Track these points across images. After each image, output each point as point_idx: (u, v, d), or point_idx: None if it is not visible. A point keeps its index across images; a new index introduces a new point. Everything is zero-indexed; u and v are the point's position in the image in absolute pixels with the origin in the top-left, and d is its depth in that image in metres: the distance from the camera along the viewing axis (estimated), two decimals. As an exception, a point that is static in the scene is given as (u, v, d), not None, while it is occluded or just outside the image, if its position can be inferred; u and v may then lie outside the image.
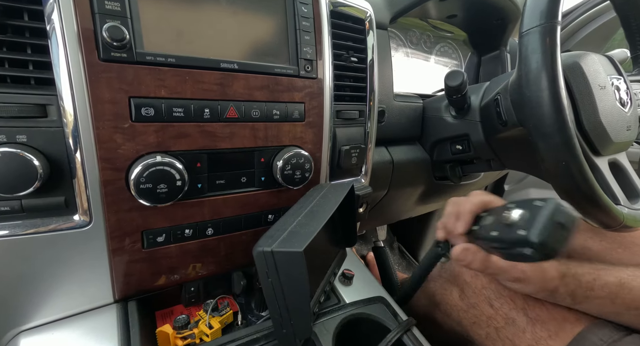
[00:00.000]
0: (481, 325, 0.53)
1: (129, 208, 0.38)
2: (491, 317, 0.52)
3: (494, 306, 0.52)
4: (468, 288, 0.56)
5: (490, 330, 0.51)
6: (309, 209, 0.42)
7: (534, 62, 0.44)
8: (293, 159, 0.47)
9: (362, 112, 0.58)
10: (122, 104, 0.35)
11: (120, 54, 0.33)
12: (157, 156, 0.37)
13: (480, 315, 0.53)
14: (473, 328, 0.54)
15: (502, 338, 0.51)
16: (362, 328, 0.48)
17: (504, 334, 0.50)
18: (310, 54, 0.47)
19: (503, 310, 0.51)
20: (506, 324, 0.50)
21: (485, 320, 0.52)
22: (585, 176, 0.44)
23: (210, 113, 0.40)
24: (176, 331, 0.43)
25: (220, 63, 0.40)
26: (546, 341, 0.47)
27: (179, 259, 0.44)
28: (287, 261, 0.34)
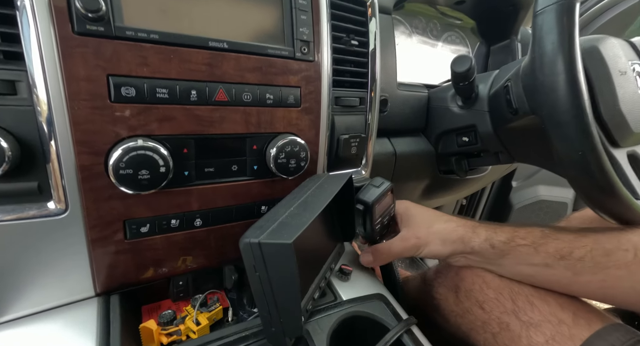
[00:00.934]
0: (478, 331, 0.50)
1: (108, 195, 0.35)
2: (486, 322, 0.49)
3: (485, 310, 0.49)
4: (460, 292, 0.53)
5: (488, 336, 0.48)
6: (302, 200, 0.39)
7: (549, 43, 0.40)
8: (287, 147, 0.44)
9: (362, 100, 0.55)
10: (100, 83, 0.32)
11: (96, 28, 0.31)
12: (139, 139, 0.34)
13: (475, 321, 0.50)
14: (472, 334, 0.51)
15: (500, 344, 0.48)
16: (360, 327, 0.45)
17: (501, 340, 0.47)
18: (307, 34, 0.44)
19: (495, 314, 0.48)
20: (501, 329, 0.47)
21: (480, 326, 0.49)
22: (603, 167, 0.40)
23: (198, 95, 0.37)
24: (161, 327, 0.40)
25: (209, 41, 0.37)
26: None
27: (166, 252, 0.42)
28: (276, 254, 0.31)
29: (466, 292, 0.54)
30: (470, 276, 0.54)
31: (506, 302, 0.49)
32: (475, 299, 0.52)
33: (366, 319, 0.45)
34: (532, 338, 0.45)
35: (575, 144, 0.40)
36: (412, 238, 0.50)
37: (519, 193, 1.51)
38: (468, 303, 0.53)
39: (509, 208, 1.49)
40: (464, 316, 0.53)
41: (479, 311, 0.51)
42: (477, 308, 0.51)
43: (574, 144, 0.40)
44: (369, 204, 0.50)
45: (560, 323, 0.44)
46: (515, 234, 0.46)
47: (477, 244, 0.47)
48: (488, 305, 0.50)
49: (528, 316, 0.46)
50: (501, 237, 0.47)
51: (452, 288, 0.56)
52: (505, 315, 0.48)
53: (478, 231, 0.48)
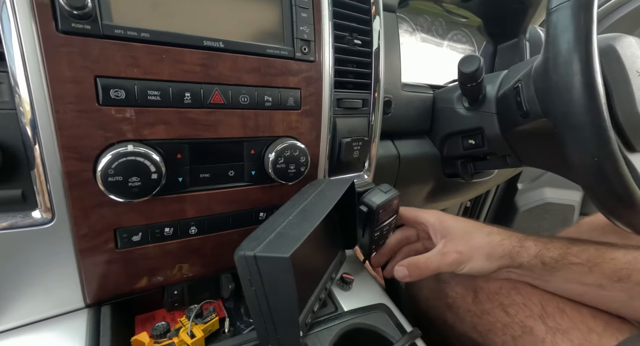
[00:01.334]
0: (497, 333, 0.48)
1: (98, 203, 0.33)
2: (507, 325, 0.47)
3: (509, 314, 0.47)
4: (482, 293, 0.51)
5: (507, 338, 0.46)
6: (302, 208, 0.37)
7: (564, 42, 0.38)
8: (287, 151, 0.42)
9: (365, 102, 0.53)
10: (87, 85, 0.30)
11: (82, 26, 0.29)
12: (129, 145, 0.32)
13: (495, 322, 0.48)
14: (489, 335, 0.49)
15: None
16: (362, 340, 0.43)
17: (522, 343, 0.45)
18: (308, 33, 0.42)
19: (519, 317, 0.46)
20: (523, 333, 0.45)
21: (500, 328, 0.47)
22: (621, 174, 0.38)
23: (192, 98, 0.36)
24: (154, 340, 0.39)
25: (204, 41, 0.35)
26: None
27: (159, 261, 0.40)
28: (272, 268, 0.29)
29: (489, 294, 0.51)
30: (497, 281, 0.51)
31: (534, 307, 0.47)
32: (499, 302, 0.50)
33: (368, 331, 0.43)
34: (558, 344, 0.43)
35: (591, 150, 0.38)
36: (452, 253, 0.45)
37: (525, 195, 1.48)
38: (489, 304, 0.51)
39: (514, 211, 1.47)
40: (482, 317, 0.51)
41: (501, 314, 0.49)
42: (499, 311, 0.49)
43: (590, 149, 0.38)
44: (374, 208, 0.48)
45: (590, 332, 0.42)
46: (567, 251, 0.42)
47: (526, 260, 0.43)
48: (513, 308, 0.48)
49: (556, 322, 0.44)
50: (552, 253, 0.43)
51: (472, 288, 0.54)
52: (531, 319, 0.46)
53: (527, 245, 0.44)
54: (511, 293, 0.48)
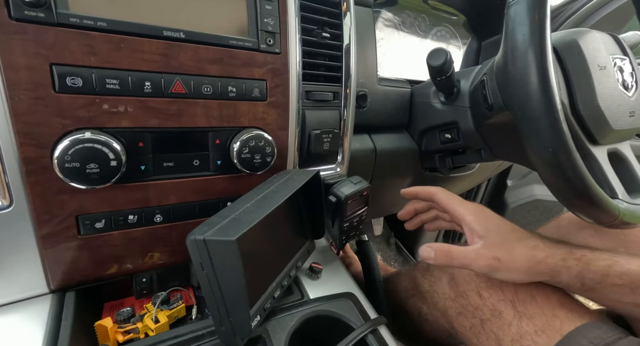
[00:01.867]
0: (467, 316, 0.49)
1: (57, 189, 0.34)
2: (478, 308, 0.48)
3: (482, 296, 0.48)
4: (459, 275, 0.52)
5: (476, 322, 0.48)
6: (262, 196, 0.38)
7: (520, 35, 0.38)
8: (251, 141, 0.42)
9: (336, 94, 0.53)
10: (42, 72, 0.31)
11: (36, 14, 0.30)
12: (87, 132, 0.33)
13: (467, 305, 0.49)
14: (458, 318, 0.50)
15: (487, 330, 0.47)
16: (324, 327, 0.44)
17: (489, 327, 0.46)
18: (273, 25, 0.43)
19: (491, 301, 0.47)
20: (492, 316, 0.46)
21: (471, 311, 0.49)
22: (574, 165, 0.39)
23: (153, 87, 0.36)
24: (117, 324, 0.39)
25: (163, 31, 0.36)
26: (531, 337, 0.43)
27: (125, 248, 0.41)
28: (221, 251, 0.30)
29: (467, 276, 0.52)
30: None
31: (508, 292, 0.47)
32: (475, 284, 0.51)
33: (331, 318, 0.44)
34: (523, 328, 0.44)
35: (545, 141, 0.39)
36: (489, 259, 0.42)
37: (514, 192, 1.49)
38: (465, 287, 0.52)
39: (503, 207, 1.48)
40: (456, 299, 0.52)
41: (475, 297, 0.50)
42: (474, 294, 0.50)
43: (545, 140, 0.39)
44: (342, 198, 0.49)
45: (554, 317, 0.43)
46: (610, 270, 0.40)
47: (565, 280, 0.42)
48: (488, 291, 0.49)
49: (525, 307, 0.45)
50: (594, 274, 0.40)
51: (449, 270, 0.55)
52: (502, 303, 0.47)
53: (569, 264, 0.41)
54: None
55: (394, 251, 1.64)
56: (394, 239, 1.66)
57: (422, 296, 0.60)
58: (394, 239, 1.66)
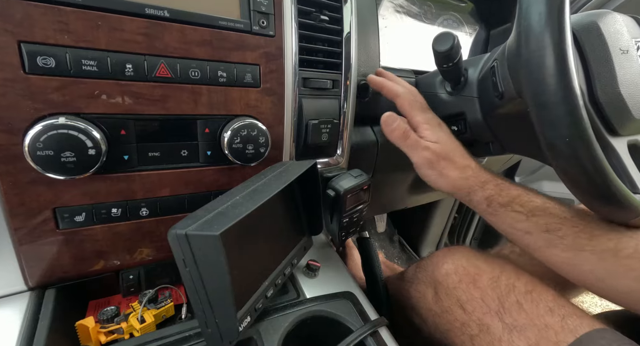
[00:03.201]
0: (456, 333, 0.46)
1: (31, 179, 0.32)
2: (464, 323, 0.45)
3: (466, 310, 0.45)
4: (441, 289, 0.49)
5: (465, 338, 0.45)
6: (253, 188, 0.35)
7: (535, 14, 0.35)
8: (243, 130, 0.40)
9: (336, 83, 0.50)
10: (10, 50, 0.28)
11: (1, -14, 0.27)
12: (61, 117, 0.30)
13: (454, 321, 0.46)
14: (449, 335, 0.47)
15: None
16: (321, 328, 0.41)
17: (479, 343, 0.43)
18: (266, 5, 0.40)
19: (476, 314, 0.44)
20: (480, 331, 0.43)
21: (459, 327, 0.45)
22: (594, 156, 0.35)
23: (135, 70, 0.34)
24: (100, 324, 0.37)
25: (146, 8, 0.33)
26: None
27: (108, 243, 0.38)
28: (204, 247, 0.27)
29: (447, 290, 0.50)
30: (456, 274, 0.50)
31: (492, 303, 0.45)
32: (456, 298, 0.48)
33: (328, 319, 0.41)
34: (514, 343, 0.41)
35: (562, 130, 0.35)
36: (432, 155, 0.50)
37: (522, 189, 1.45)
38: (448, 302, 0.49)
39: (509, 204, 1.44)
40: (442, 315, 0.49)
41: (459, 312, 0.47)
42: (457, 308, 0.48)
43: (561, 129, 0.35)
44: (341, 192, 0.46)
45: (547, 328, 0.40)
46: (517, 199, 0.46)
47: (476, 199, 0.48)
48: (471, 305, 0.46)
49: (513, 318, 0.42)
50: (502, 199, 0.47)
51: (432, 284, 0.53)
52: (488, 316, 0.44)
53: (487, 187, 0.48)
54: (469, 287, 0.47)
55: (397, 249, 1.61)
56: (397, 237, 1.63)
57: (411, 309, 0.57)
58: (397, 237, 1.63)
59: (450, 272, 0.51)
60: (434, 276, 0.53)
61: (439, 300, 0.49)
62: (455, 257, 0.53)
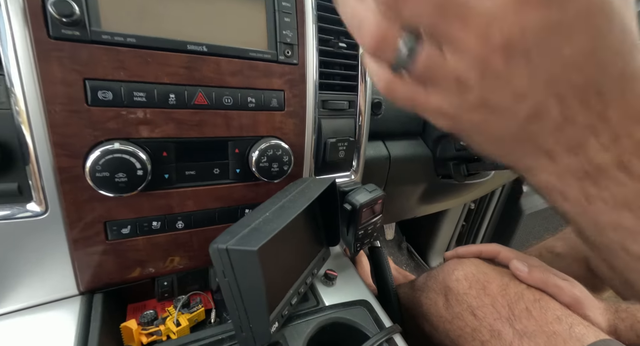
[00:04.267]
0: (467, 338, 0.48)
1: (88, 197, 0.36)
2: (476, 329, 0.47)
3: (477, 316, 0.48)
4: (452, 295, 0.52)
5: (476, 344, 0.47)
6: (280, 205, 0.39)
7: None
8: (269, 150, 0.43)
9: (352, 103, 0.54)
10: (77, 86, 0.33)
11: (72, 32, 0.31)
12: (116, 143, 0.35)
13: (465, 327, 0.49)
14: (459, 341, 0.50)
15: None
16: (340, 334, 0.44)
17: None
18: (291, 37, 0.44)
19: (487, 321, 0.46)
20: (491, 337, 0.45)
21: (470, 333, 0.48)
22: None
23: (177, 99, 0.38)
24: (141, 326, 0.41)
25: (187, 45, 0.37)
26: None
27: (148, 253, 0.42)
28: (242, 260, 0.31)
29: (457, 296, 0.52)
30: (467, 281, 0.52)
31: (502, 309, 0.47)
32: (467, 304, 0.50)
33: (347, 326, 0.44)
34: None
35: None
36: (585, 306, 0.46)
37: (531, 198, 1.46)
38: (459, 308, 0.51)
39: (519, 214, 1.45)
40: (453, 322, 0.52)
41: (470, 318, 0.49)
42: (468, 314, 0.50)
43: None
44: (357, 206, 0.49)
45: (556, 335, 0.42)
46: None
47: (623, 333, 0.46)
48: (481, 311, 0.48)
49: (523, 324, 0.44)
50: None
51: (442, 291, 0.55)
52: (499, 322, 0.46)
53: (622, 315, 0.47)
54: (480, 293, 0.49)
55: (405, 256, 1.62)
56: (405, 244, 1.65)
57: (422, 317, 0.59)
58: (405, 244, 1.65)
59: (460, 278, 0.53)
60: (445, 282, 0.55)
61: (450, 306, 0.52)
62: (465, 265, 0.55)
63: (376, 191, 0.53)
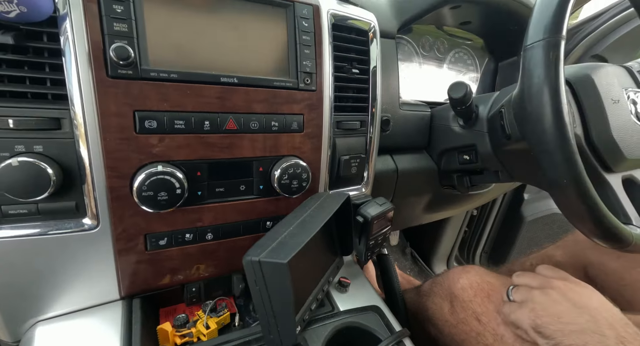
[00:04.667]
0: (471, 342, 0.52)
1: (133, 212, 0.41)
2: (480, 333, 0.51)
3: (481, 322, 0.52)
4: (457, 302, 0.56)
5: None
6: (302, 219, 0.43)
7: (536, 76, 0.43)
8: (290, 169, 0.48)
9: (363, 123, 0.59)
10: (128, 117, 0.37)
11: (126, 71, 0.36)
12: (159, 165, 0.39)
13: (470, 331, 0.53)
14: (464, 344, 0.53)
15: None
16: (354, 337, 0.49)
17: None
18: (310, 67, 0.48)
19: (491, 325, 0.50)
20: (495, 341, 0.49)
21: (474, 336, 0.52)
22: (588, 194, 0.42)
23: (210, 125, 0.42)
24: (175, 329, 0.45)
25: (221, 78, 0.42)
26: None
27: (180, 261, 0.47)
28: (273, 271, 0.35)
29: (463, 303, 0.56)
30: (472, 289, 0.56)
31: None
32: (472, 310, 0.54)
33: (360, 330, 0.48)
34: None
35: (561, 173, 0.42)
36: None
37: (531, 205, 1.49)
38: (464, 314, 0.55)
39: (520, 220, 1.48)
40: (458, 326, 0.56)
41: (474, 323, 0.53)
42: (473, 319, 0.54)
43: (560, 172, 0.42)
44: (369, 219, 0.54)
45: None
46: None
47: None
48: (486, 317, 0.52)
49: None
50: None
51: (448, 297, 0.59)
52: (502, 327, 0.50)
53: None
54: (484, 300, 0.53)
55: (409, 261, 1.66)
56: (409, 249, 1.68)
57: (427, 321, 0.63)
58: (409, 249, 1.68)
59: (466, 287, 0.57)
60: (451, 290, 0.59)
61: (455, 312, 0.56)
62: (470, 274, 0.59)
63: (386, 204, 0.57)
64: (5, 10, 0.30)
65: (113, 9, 0.35)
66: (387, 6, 0.66)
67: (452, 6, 0.72)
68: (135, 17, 0.36)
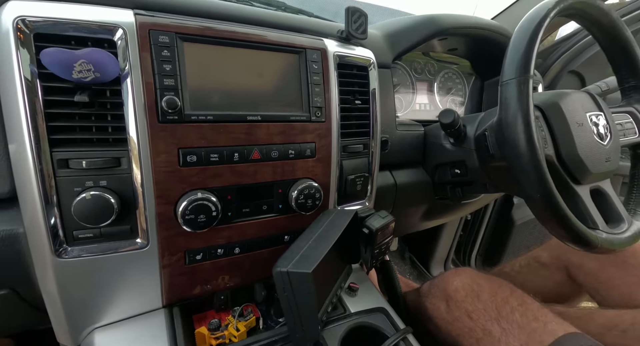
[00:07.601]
0: (465, 337, 0.60)
1: (176, 233, 0.48)
2: (472, 329, 0.59)
3: (472, 318, 0.59)
4: (451, 302, 0.64)
5: (472, 341, 0.58)
6: (317, 235, 0.51)
7: (511, 107, 0.51)
8: (305, 190, 0.56)
9: (366, 145, 0.67)
10: (173, 154, 0.45)
11: (173, 117, 0.44)
12: (198, 192, 0.47)
13: (463, 327, 0.60)
14: (459, 339, 0.61)
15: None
16: (365, 335, 0.56)
17: (483, 344, 0.57)
18: (320, 102, 0.56)
19: (480, 322, 0.58)
20: (484, 335, 0.57)
21: (467, 332, 0.59)
22: (558, 206, 0.50)
23: (239, 156, 0.50)
24: (210, 332, 0.52)
25: (247, 117, 0.50)
26: None
27: (212, 273, 0.54)
28: (299, 280, 0.42)
29: (456, 302, 0.64)
30: (463, 290, 0.64)
31: (492, 312, 0.59)
32: (464, 309, 0.62)
33: (370, 328, 0.55)
34: (510, 343, 0.55)
35: (535, 189, 0.51)
36: None
37: (521, 209, 1.58)
38: (458, 312, 0.63)
39: (511, 224, 1.57)
40: (453, 323, 0.63)
41: (466, 320, 0.61)
42: (465, 317, 0.62)
43: (534, 188, 0.51)
44: (373, 230, 0.61)
45: (534, 331, 0.54)
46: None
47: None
48: (476, 314, 0.60)
49: (509, 324, 0.56)
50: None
51: (444, 298, 0.67)
52: (489, 322, 0.58)
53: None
54: (474, 300, 0.61)
55: (408, 265, 1.73)
56: (408, 254, 1.76)
57: (427, 320, 0.71)
58: (408, 254, 1.76)
59: (458, 288, 0.65)
60: (446, 291, 0.67)
61: (450, 310, 0.64)
62: (462, 277, 0.67)
63: (388, 217, 0.65)
64: (85, 76, 0.37)
65: (163, 67, 0.42)
66: (382, 41, 0.75)
67: (440, 38, 0.81)
68: (179, 73, 0.44)
